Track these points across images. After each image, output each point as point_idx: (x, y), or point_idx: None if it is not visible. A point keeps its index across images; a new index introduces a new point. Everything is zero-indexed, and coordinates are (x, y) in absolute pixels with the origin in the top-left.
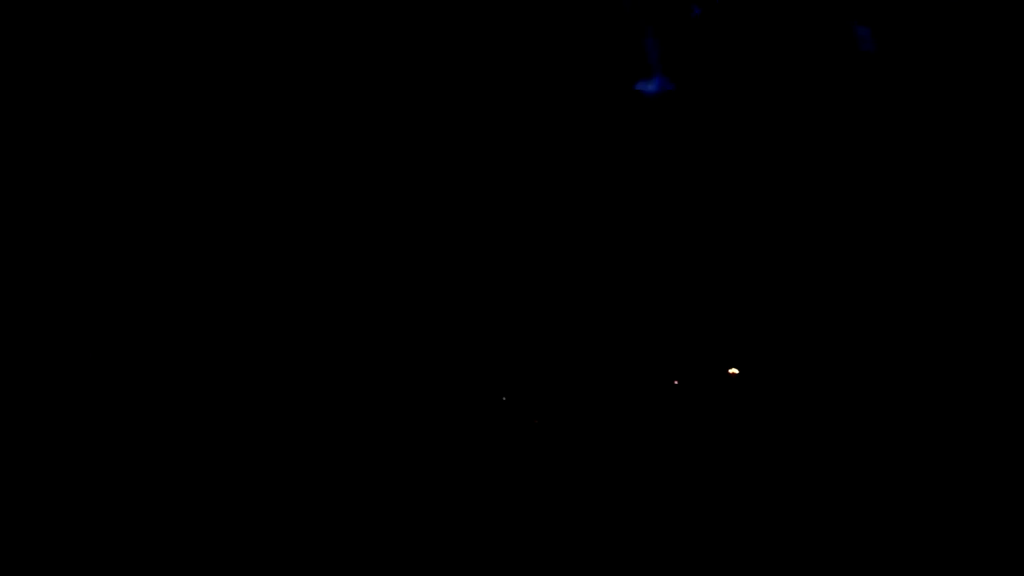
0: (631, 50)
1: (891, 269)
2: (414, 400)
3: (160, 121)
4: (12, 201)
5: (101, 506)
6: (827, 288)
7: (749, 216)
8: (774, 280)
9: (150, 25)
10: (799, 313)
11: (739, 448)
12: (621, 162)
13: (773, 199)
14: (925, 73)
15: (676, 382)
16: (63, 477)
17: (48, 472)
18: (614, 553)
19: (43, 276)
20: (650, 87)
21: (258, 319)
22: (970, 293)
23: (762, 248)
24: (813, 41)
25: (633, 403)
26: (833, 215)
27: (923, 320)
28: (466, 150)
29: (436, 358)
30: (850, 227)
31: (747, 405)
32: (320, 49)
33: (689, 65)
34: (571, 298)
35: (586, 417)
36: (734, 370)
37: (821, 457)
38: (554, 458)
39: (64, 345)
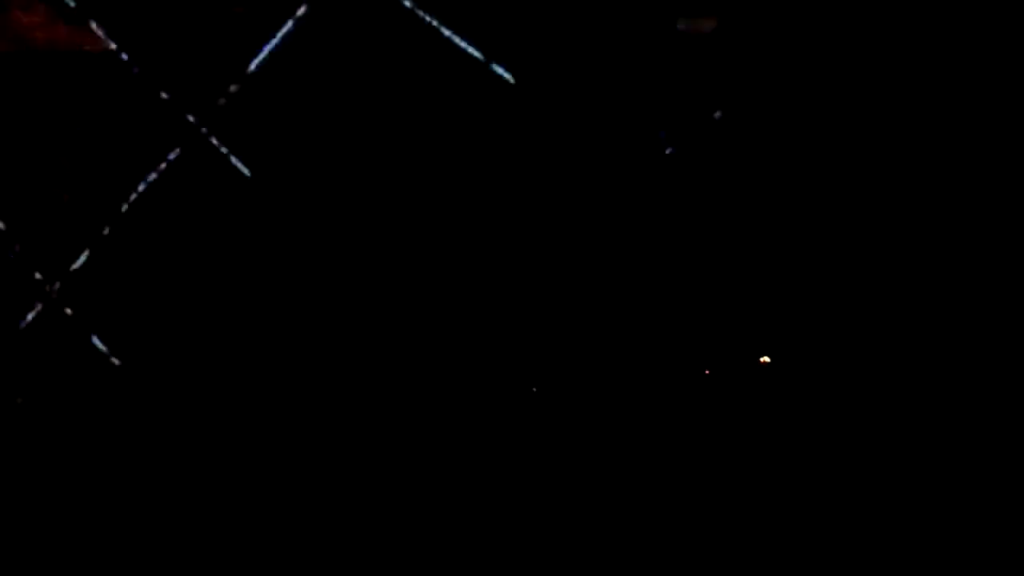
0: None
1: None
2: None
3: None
4: None
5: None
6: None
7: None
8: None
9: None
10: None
11: (772, 444)
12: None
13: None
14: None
15: (707, 372)
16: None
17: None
18: (642, 545)
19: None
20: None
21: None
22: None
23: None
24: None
25: (662, 394)
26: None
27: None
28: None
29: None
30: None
31: (780, 395)
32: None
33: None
34: (603, 288)
35: (616, 408)
36: (766, 359)
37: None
38: (583, 451)
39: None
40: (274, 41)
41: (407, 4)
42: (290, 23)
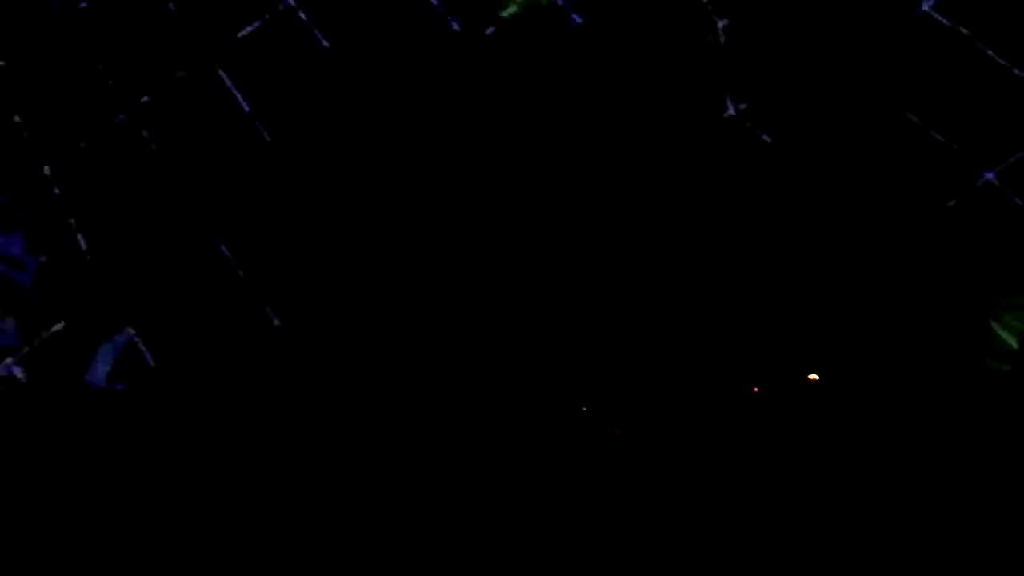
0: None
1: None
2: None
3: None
4: None
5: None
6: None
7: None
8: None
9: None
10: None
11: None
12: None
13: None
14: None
15: (756, 389)
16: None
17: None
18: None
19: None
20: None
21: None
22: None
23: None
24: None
25: (712, 411)
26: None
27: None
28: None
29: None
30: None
31: (830, 413)
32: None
33: None
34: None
35: (664, 427)
36: (814, 376)
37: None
38: (632, 469)
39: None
40: None
41: None
42: None
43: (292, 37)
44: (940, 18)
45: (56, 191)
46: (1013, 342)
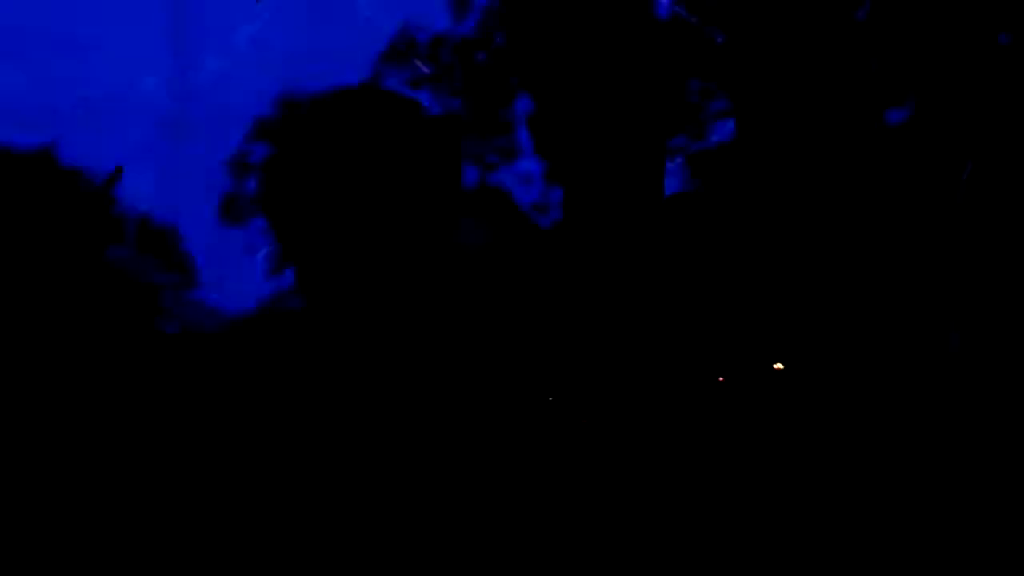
0: None
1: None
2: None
3: None
4: None
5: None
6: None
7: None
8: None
9: None
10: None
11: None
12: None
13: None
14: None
15: (721, 379)
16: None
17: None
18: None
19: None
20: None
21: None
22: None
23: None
24: None
25: (680, 400)
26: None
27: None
28: None
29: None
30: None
31: (793, 401)
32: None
33: None
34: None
35: (633, 415)
36: (779, 365)
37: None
38: (604, 456)
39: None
40: None
41: None
42: None
43: None
44: None
45: None
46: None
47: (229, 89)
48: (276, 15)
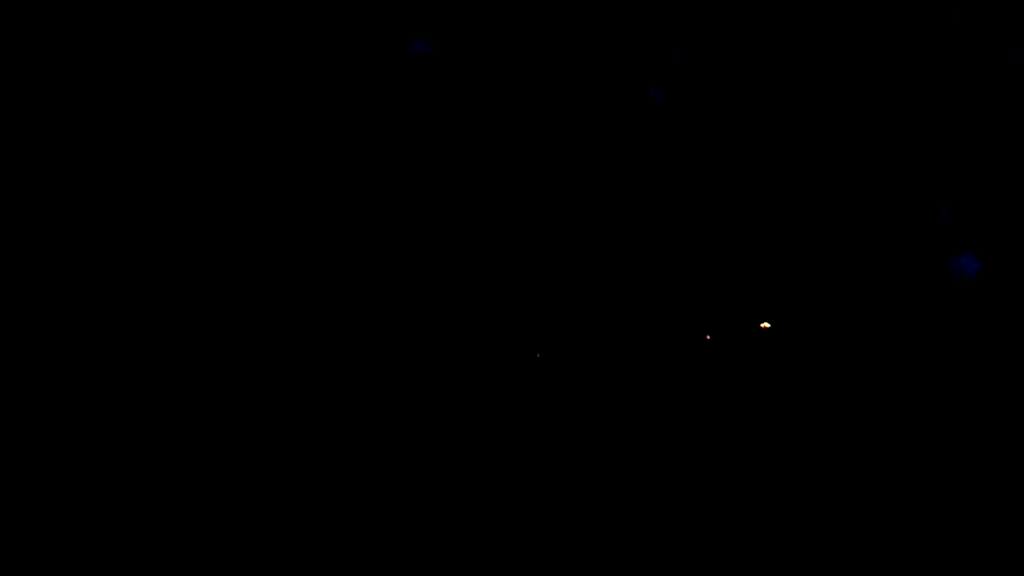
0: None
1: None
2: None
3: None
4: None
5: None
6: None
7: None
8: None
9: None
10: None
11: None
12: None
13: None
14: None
15: (708, 337)
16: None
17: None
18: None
19: (43, 276)
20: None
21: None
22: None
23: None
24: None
25: (665, 361)
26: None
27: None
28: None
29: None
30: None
31: (782, 363)
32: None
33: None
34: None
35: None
36: (766, 324)
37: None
38: (582, 426)
39: (64, 345)
40: None
41: None
42: None
43: None
44: None
45: None
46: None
47: None
48: None
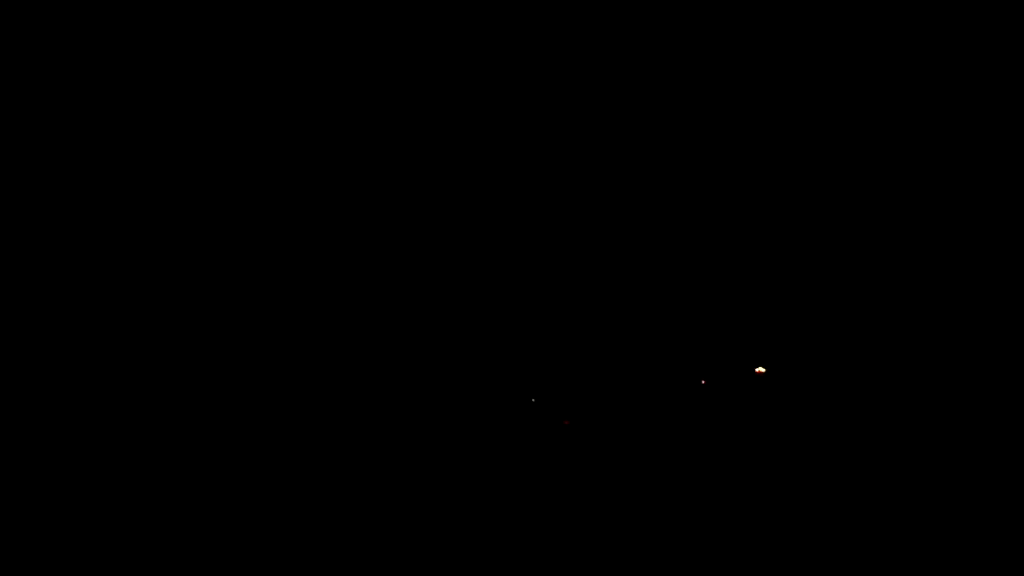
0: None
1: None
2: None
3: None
4: (12, 202)
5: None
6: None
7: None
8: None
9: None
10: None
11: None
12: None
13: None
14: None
15: (704, 381)
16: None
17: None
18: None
19: (44, 276)
20: None
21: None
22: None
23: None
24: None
25: (662, 403)
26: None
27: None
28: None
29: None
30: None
31: (775, 405)
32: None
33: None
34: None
35: (614, 419)
36: (761, 369)
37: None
38: (584, 461)
39: (64, 345)
40: None
41: None
42: None
43: None
44: None
45: None
46: None
47: None
48: None
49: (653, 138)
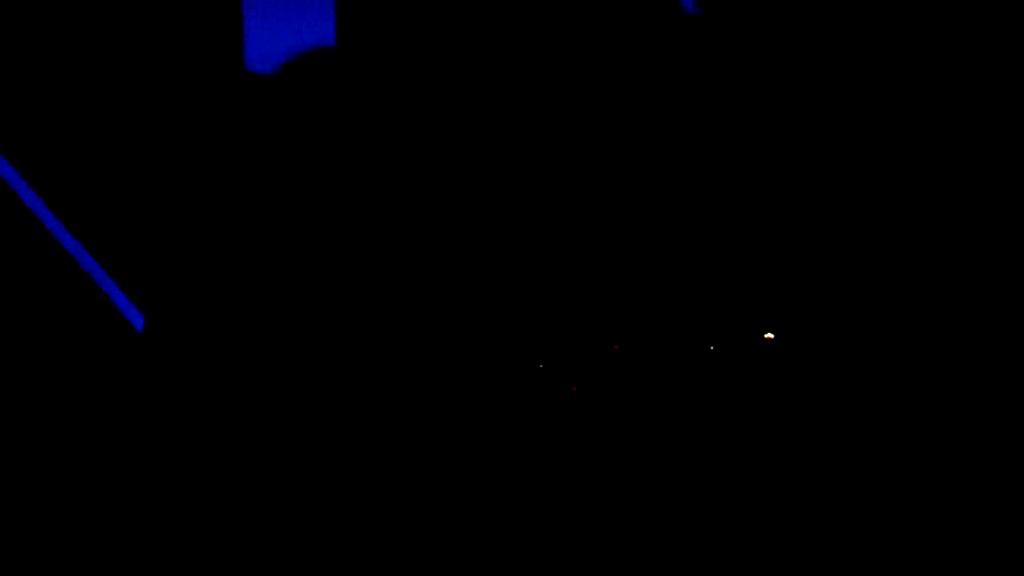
0: None
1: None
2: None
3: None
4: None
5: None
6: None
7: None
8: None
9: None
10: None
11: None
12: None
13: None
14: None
15: (712, 347)
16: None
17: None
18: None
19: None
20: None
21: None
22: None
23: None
24: None
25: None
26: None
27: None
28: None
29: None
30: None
31: (785, 373)
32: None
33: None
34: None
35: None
36: (770, 335)
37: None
38: (589, 433)
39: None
40: None
41: None
42: None
43: None
44: None
45: None
46: None
47: None
48: None
49: (656, 125)
